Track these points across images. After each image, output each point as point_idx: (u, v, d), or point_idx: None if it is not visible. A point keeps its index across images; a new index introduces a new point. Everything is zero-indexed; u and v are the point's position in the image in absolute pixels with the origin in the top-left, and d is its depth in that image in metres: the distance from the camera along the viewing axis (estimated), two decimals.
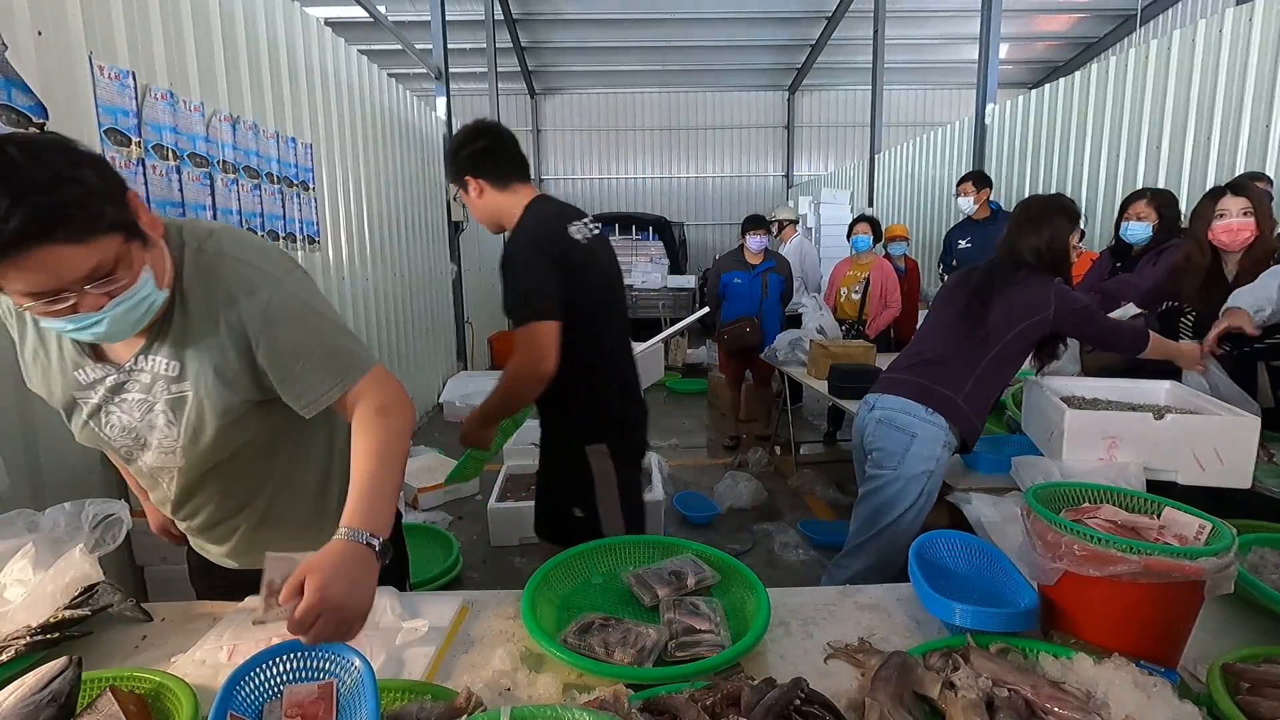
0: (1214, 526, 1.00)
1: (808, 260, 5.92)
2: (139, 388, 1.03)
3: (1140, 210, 2.83)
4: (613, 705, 0.82)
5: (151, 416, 1.05)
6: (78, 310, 0.84)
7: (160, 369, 1.01)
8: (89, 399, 1.05)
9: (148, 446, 1.08)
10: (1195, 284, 2.23)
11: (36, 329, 1.05)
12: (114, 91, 2.29)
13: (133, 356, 1.02)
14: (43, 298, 0.81)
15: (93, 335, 0.90)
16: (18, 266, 0.77)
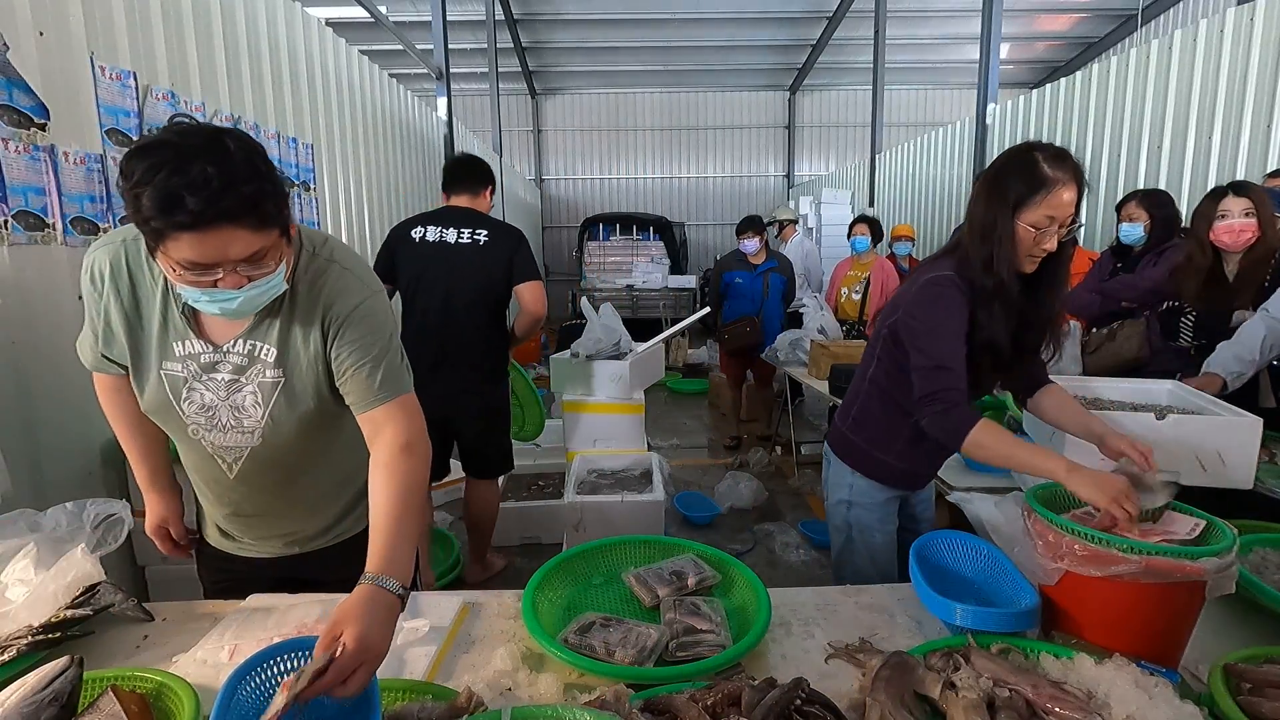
0: (1210, 524, 1.00)
1: (810, 259, 5.92)
2: (231, 369, 1.10)
3: (1131, 212, 2.88)
4: (613, 705, 0.82)
5: (239, 397, 1.11)
6: (218, 285, 0.93)
7: (260, 353, 1.10)
8: (176, 372, 1.10)
9: (222, 426, 1.13)
10: (1196, 284, 2.23)
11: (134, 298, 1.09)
12: (115, 92, 2.29)
13: (232, 340, 1.09)
14: (199, 269, 0.90)
15: (220, 309, 0.98)
16: (201, 238, 0.87)
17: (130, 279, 1.08)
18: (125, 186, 0.87)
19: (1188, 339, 2.28)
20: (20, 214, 1.91)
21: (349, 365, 1.10)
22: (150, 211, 0.85)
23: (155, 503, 1.32)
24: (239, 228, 0.89)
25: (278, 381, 1.11)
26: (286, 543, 1.31)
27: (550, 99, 13.58)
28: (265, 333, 1.10)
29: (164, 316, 1.09)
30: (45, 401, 1.96)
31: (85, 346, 1.18)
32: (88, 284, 1.10)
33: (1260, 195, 2.14)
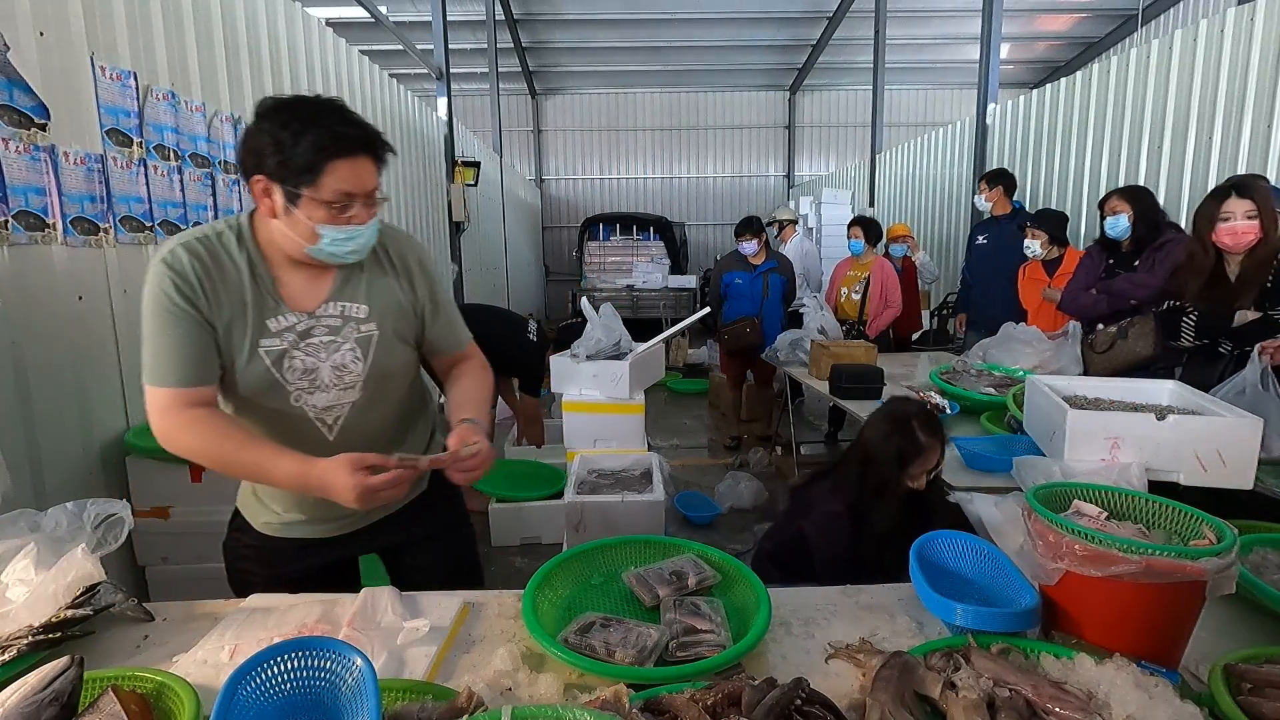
0: (1211, 524, 1.00)
1: (809, 259, 5.92)
2: (325, 331, 1.20)
3: (1114, 205, 2.97)
4: (614, 705, 0.82)
5: (337, 356, 1.21)
6: (351, 222, 1.11)
7: (351, 312, 1.22)
8: (275, 346, 1.17)
9: (325, 386, 1.22)
10: (1198, 284, 2.22)
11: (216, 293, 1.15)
12: (116, 92, 2.29)
13: (319, 304, 1.20)
14: (344, 200, 1.09)
15: (353, 245, 1.14)
16: (353, 165, 1.08)
17: (209, 276, 1.13)
18: (279, 133, 1.04)
19: (1189, 339, 2.28)
20: (20, 214, 1.91)
21: (437, 311, 1.32)
22: (322, 142, 1.04)
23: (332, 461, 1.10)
24: (372, 160, 1.10)
25: (371, 335, 1.24)
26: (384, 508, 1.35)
27: (550, 99, 13.58)
28: (352, 292, 1.23)
29: (256, 297, 1.16)
30: (45, 402, 1.96)
31: (169, 367, 1.12)
32: (169, 298, 1.10)
33: (1264, 195, 2.13)
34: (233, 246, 1.16)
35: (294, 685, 0.84)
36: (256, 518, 1.36)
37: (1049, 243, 3.62)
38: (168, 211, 2.53)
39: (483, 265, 8.05)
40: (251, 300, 1.16)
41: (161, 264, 1.11)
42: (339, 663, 0.84)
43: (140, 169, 2.40)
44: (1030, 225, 3.71)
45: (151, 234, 2.44)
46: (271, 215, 1.11)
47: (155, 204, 2.46)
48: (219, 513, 2.19)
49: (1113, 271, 2.99)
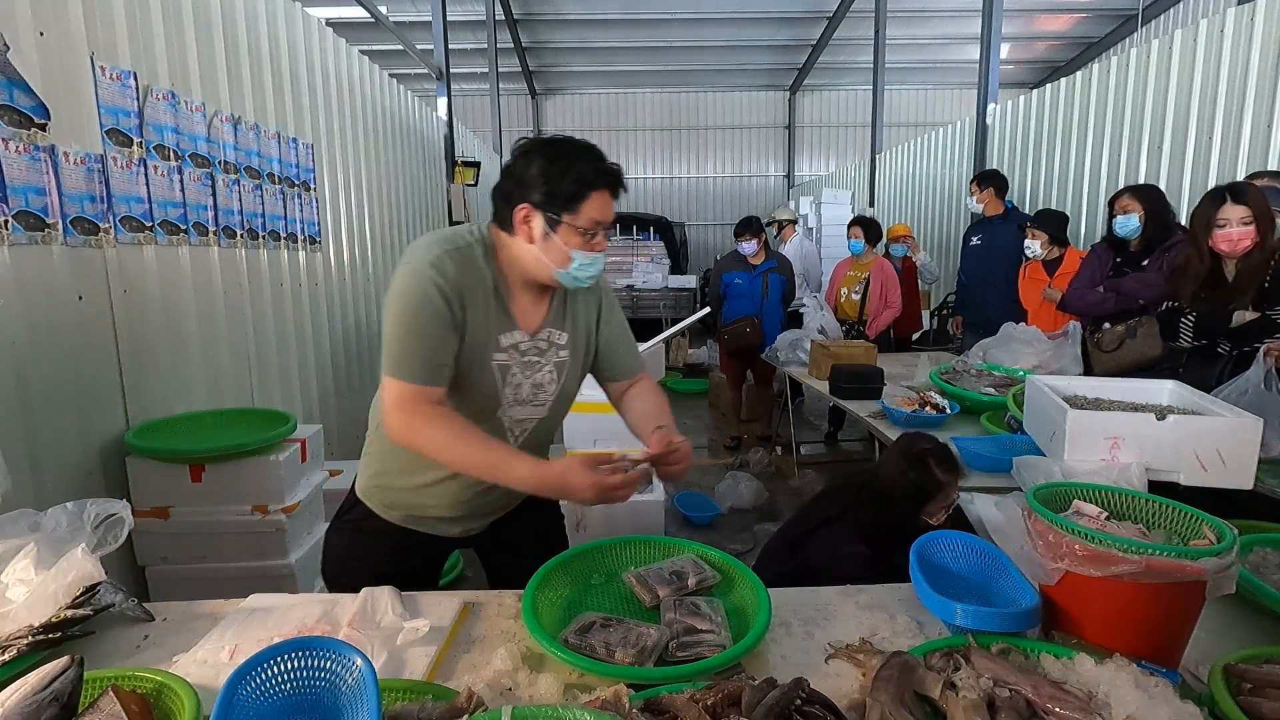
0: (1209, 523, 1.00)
1: (809, 259, 5.92)
2: (536, 352, 1.31)
3: (1125, 204, 2.97)
4: (614, 705, 0.82)
5: (538, 375, 1.33)
6: (596, 248, 1.22)
7: (555, 338, 1.34)
8: (502, 360, 1.28)
9: (523, 401, 1.33)
10: (1192, 288, 2.24)
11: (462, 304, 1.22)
12: (116, 92, 2.29)
13: (539, 327, 1.31)
14: (595, 229, 1.20)
15: (593, 270, 1.25)
16: (603, 198, 1.20)
17: (467, 285, 1.21)
18: (549, 166, 1.17)
19: (1188, 339, 2.28)
20: (20, 214, 1.91)
21: (615, 342, 1.43)
22: (586, 175, 1.17)
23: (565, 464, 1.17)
24: (613, 196, 1.22)
25: (564, 361, 1.35)
26: (495, 510, 1.46)
27: (550, 99, 13.58)
28: (560, 319, 1.34)
29: (495, 312, 1.26)
30: (45, 401, 1.96)
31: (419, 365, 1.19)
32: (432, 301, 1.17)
33: (1259, 200, 2.13)
34: (480, 260, 1.24)
35: (294, 685, 0.84)
36: (393, 508, 1.41)
37: (1049, 243, 3.62)
38: (168, 211, 2.53)
39: None
40: (492, 314, 1.25)
41: (429, 267, 1.17)
42: (339, 663, 0.84)
43: (140, 169, 2.40)
44: (1030, 225, 3.71)
45: (151, 234, 2.44)
46: (529, 240, 1.21)
47: (155, 204, 2.46)
48: (219, 513, 2.21)
49: (1120, 270, 2.99)
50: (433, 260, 1.18)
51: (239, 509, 2.21)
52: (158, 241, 2.47)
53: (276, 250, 3.33)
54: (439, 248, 1.20)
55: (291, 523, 2.26)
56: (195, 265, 2.68)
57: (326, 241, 3.97)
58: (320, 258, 3.87)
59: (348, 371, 4.21)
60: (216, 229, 2.83)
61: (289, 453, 2.29)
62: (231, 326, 2.91)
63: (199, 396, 2.64)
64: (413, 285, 1.18)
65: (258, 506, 2.22)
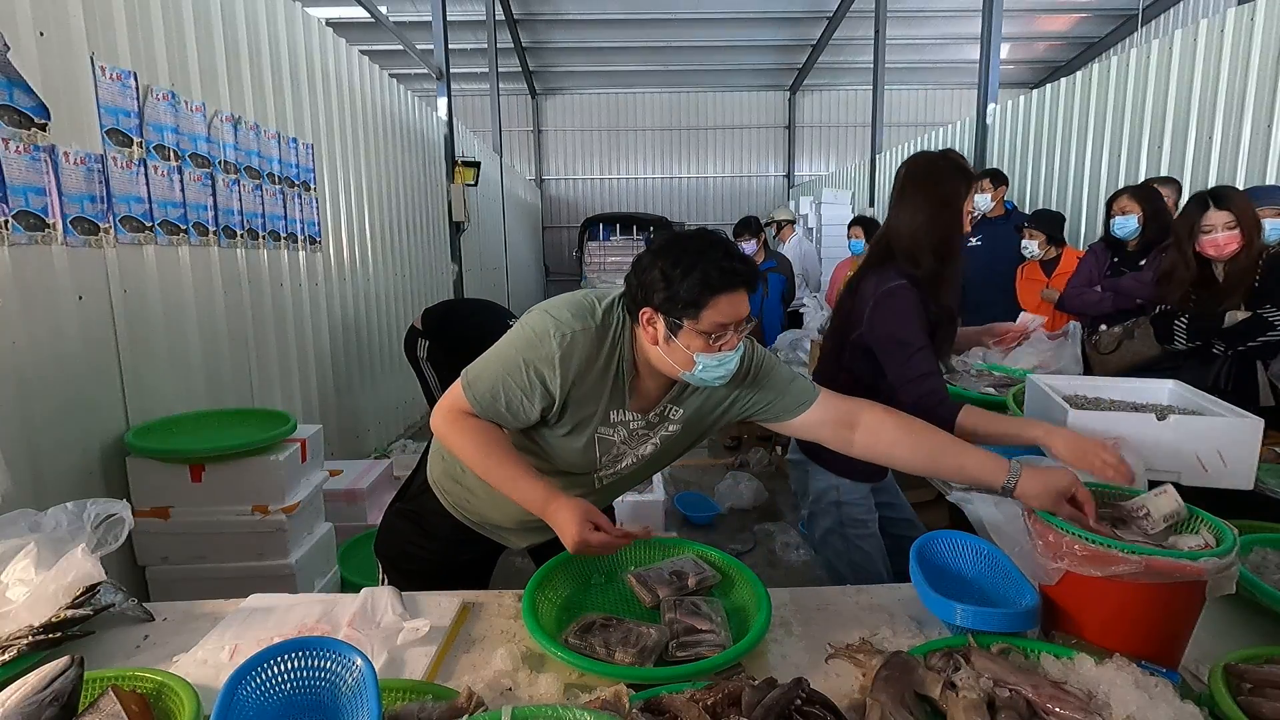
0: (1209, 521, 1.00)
1: (808, 259, 5.92)
2: (646, 427, 1.31)
3: (1124, 205, 2.97)
4: (614, 705, 0.82)
5: (644, 448, 1.34)
6: (722, 349, 1.17)
7: (671, 413, 1.32)
8: (609, 435, 1.29)
9: (621, 472, 1.36)
10: (1179, 293, 2.26)
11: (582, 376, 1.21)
12: (116, 92, 2.29)
13: (652, 410, 1.30)
14: (720, 331, 1.15)
15: (723, 371, 1.20)
16: (733, 299, 1.14)
17: (588, 366, 1.21)
18: (670, 270, 1.12)
19: (1182, 341, 2.29)
20: (20, 214, 1.91)
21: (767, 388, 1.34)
22: (709, 279, 1.11)
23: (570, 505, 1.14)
24: (747, 293, 1.17)
25: (673, 434, 1.34)
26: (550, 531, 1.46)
27: (550, 99, 13.58)
28: (680, 401, 1.31)
29: (615, 391, 1.25)
30: (45, 401, 1.96)
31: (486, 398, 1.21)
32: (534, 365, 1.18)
33: (1242, 204, 2.15)
34: (612, 340, 1.23)
35: (294, 685, 0.84)
36: (463, 507, 1.42)
37: (1047, 243, 3.62)
38: (168, 211, 2.53)
39: (483, 265, 8.05)
40: (608, 391, 1.24)
41: (559, 337, 1.18)
42: (339, 663, 0.84)
43: (140, 169, 2.40)
44: (1027, 225, 3.71)
45: (151, 234, 2.44)
46: (653, 343, 1.19)
47: (155, 204, 2.46)
48: (219, 513, 2.21)
49: (1118, 270, 2.99)
50: (564, 332, 1.18)
51: (239, 509, 2.21)
52: (158, 241, 2.47)
53: (276, 250, 3.33)
54: (578, 322, 1.20)
55: (291, 523, 2.26)
56: (195, 265, 2.68)
57: (326, 241, 3.97)
58: (320, 258, 3.87)
59: (348, 371, 4.21)
60: (216, 229, 2.83)
61: (289, 453, 2.29)
62: (231, 326, 2.91)
63: (199, 396, 2.64)
64: (532, 340, 1.19)
65: (258, 506, 2.22)
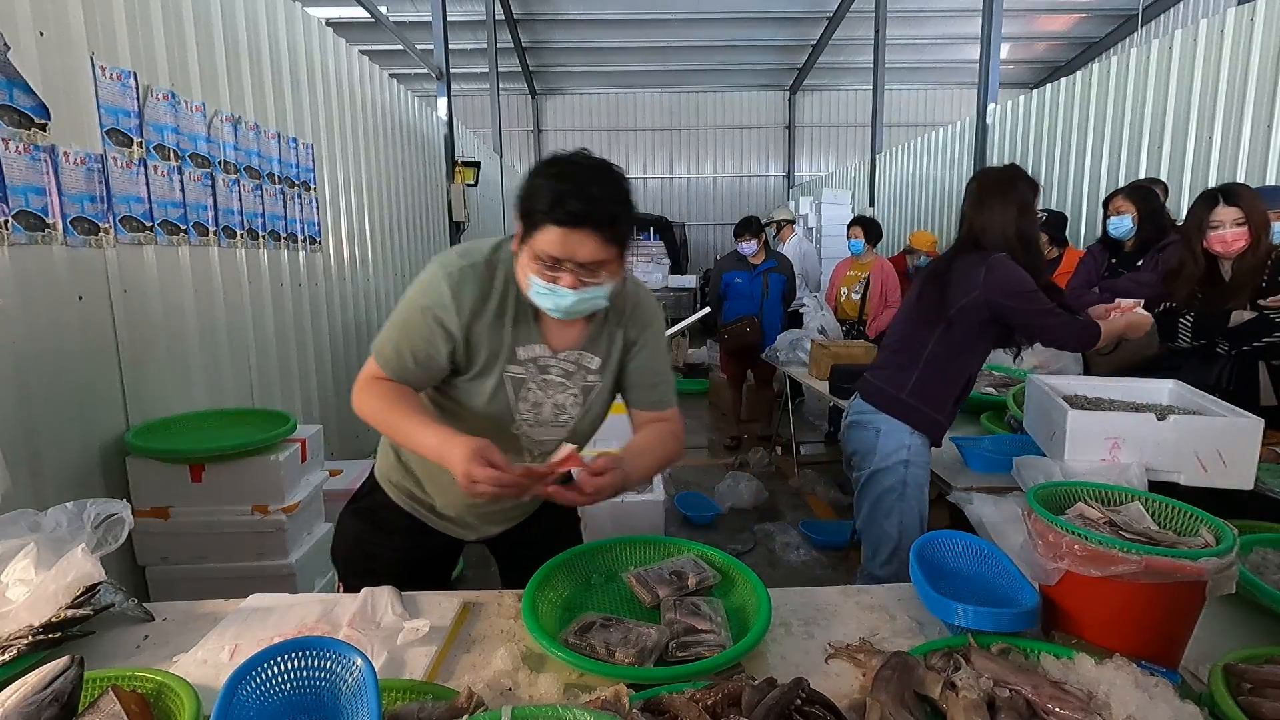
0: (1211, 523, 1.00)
1: (808, 259, 5.92)
2: (560, 373, 1.27)
3: (1119, 205, 2.97)
4: (614, 705, 0.82)
5: (562, 397, 1.29)
6: (558, 283, 1.11)
7: (585, 361, 1.29)
8: (519, 374, 1.25)
9: (544, 422, 1.30)
10: (1186, 290, 2.25)
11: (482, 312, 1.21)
12: (116, 92, 2.29)
13: (567, 348, 1.27)
14: (550, 262, 1.10)
15: (553, 304, 1.14)
16: (566, 234, 1.07)
17: (482, 296, 1.20)
18: (535, 180, 1.10)
19: (1186, 340, 2.28)
20: (20, 214, 1.91)
21: (646, 382, 1.34)
22: (540, 204, 1.07)
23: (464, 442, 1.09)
24: (592, 233, 1.08)
25: (593, 386, 1.31)
26: (508, 527, 1.46)
27: (550, 99, 13.58)
28: (595, 345, 1.29)
29: (518, 322, 1.22)
30: (45, 401, 1.96)
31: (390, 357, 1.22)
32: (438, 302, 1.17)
33: (1251, 201, 2.14)
34: (505, 271, 1.21)
35: (294, 685, 0.84)
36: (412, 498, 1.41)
37: (1048, 243, 3.62)
38: (168, 211, 2.53)
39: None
40: (509, 325, 1.22)
41: (445, 276, 1.18)
42: (339, 663, 0.84)
43: (140, 169, 2.40)
44: None
45: (151, 234, 2.44)
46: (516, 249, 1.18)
47: (155, 204, 2.46)
48: (219, 513, 2.21)
49: (1115, 271, 2.99)
50: (452, 272, 1.18)
51: (239, 509, 2.21)
52: (158, 241, 2.47)
53: (276, 250, 3.33)
54: (464, 260, 1.20)
55: (291, 523, 2.26)
56: (195, 265, 2.68)
57: (326, 241, 3.97)
58: (320, 258, 3.87)
59: (348, 371, 4.21)
60: (216, 229, 2.83)
61: (289, 453, 2.29)
62: (231, 326, 2.91)
63: (199, 396, 2.64)
64: (422, 284, 1.20)
65: (258, 506, 2.22)
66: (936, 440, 2.02)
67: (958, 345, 1.91)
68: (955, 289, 1.86)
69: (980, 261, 1.83)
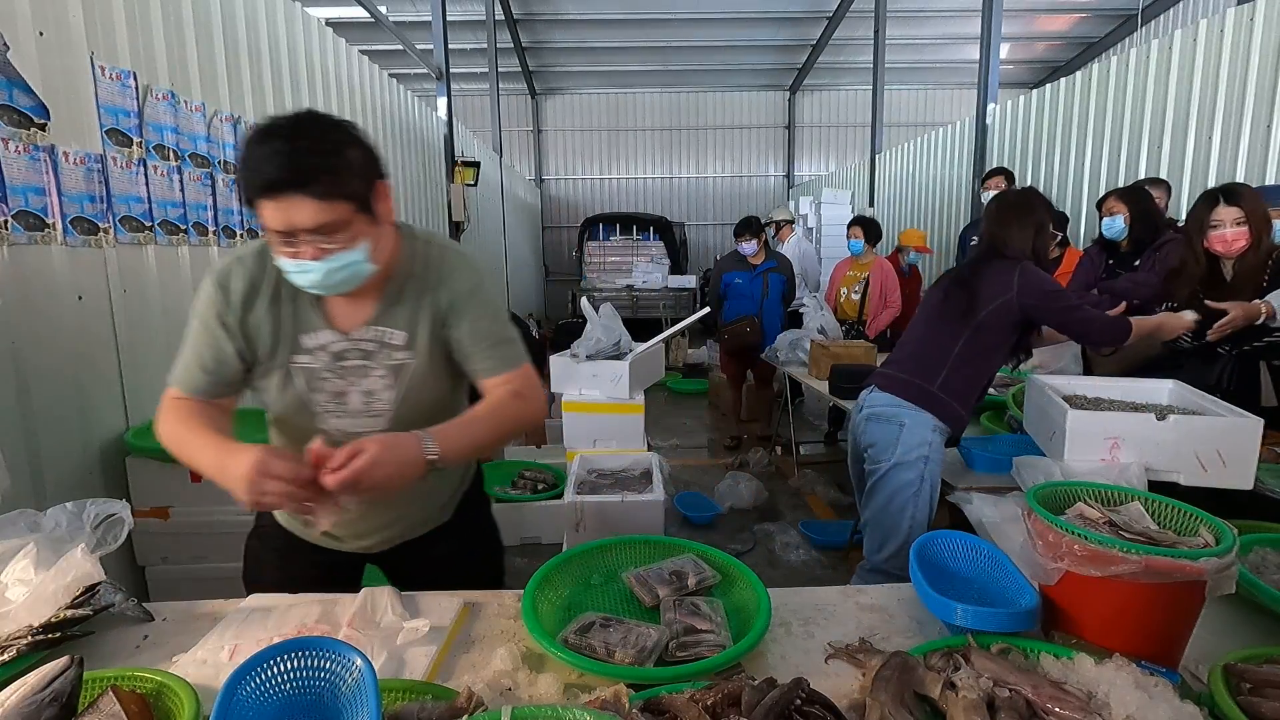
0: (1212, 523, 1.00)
1: (807, 259, 5.92)
2: (360, 355, 1.18)
3: (1111, 206, 3.01)
4: (613, 705, 0.82)
5: (367, 382, 1.19)
6: (299, 256, 1.03)
7: (387, 338, 1.18)
8: (308, 363, 1.17)
9: (352, 412, 1.20)
10: (1187, 290, 2.25)
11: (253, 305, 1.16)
12: (115, 92, 2.29)
13: (360, 326, 1.17)
14: (282, 238, 1.02)
15: (305, 281, 1.06)
16: (276, 205, 0.99)
17: (255, 291, 1.15)
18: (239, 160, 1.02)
19: (1187, 340, 2.28)
20: (20, 214, 1.91)
21: (473, 349, 1.21)
22: (242, 179, 1.01)
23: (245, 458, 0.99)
24: (303, 196, 0.98)
25: (405, 364, 1.19)
26: (384, 538, 1.34)
27: (550, 99, 13.58)
28: (392, 317, 1.18)
29: (297, 311, 1.16)
30: (45, 401, 1.96)
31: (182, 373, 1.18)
32: (208, 302, 1.14)
33: (1252, 201, 2.15)
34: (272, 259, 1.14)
35: (294, 685, 0.84)
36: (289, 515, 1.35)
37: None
38: (167, 211, 2.53)
39: (482, 265, 8.04)
40: (292, 314, 1.16)
41: (213, 277, 1.15)
42: (339, 663, 0.84)
43: (140, 169, 2.40)
44: None
45: (151, 234, 2.44)
46: None
47: (155, 204, 2.46)
48: (219, 513, 2.21)
49: (1113, 272, 3.00)
50: (217, 271, 1.15)
51: (239, 509, 2.19)
52: (157, 241, 2.47)
53: None
54: (232, 258, 1.16)
55: None
56: (195, 265, 2.68)
57: None
58: None
59: None
60: (216, 229, 2.83)
61: None
62: None
63: None
64: (198, 296, 1.17)
65: None
66: (957, 436, 2.10)
67: (985, 346, 2.01)
68: (986, 292, 1.97)
69: (1011, 268, 1.96)
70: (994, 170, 4.69)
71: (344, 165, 1.02)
